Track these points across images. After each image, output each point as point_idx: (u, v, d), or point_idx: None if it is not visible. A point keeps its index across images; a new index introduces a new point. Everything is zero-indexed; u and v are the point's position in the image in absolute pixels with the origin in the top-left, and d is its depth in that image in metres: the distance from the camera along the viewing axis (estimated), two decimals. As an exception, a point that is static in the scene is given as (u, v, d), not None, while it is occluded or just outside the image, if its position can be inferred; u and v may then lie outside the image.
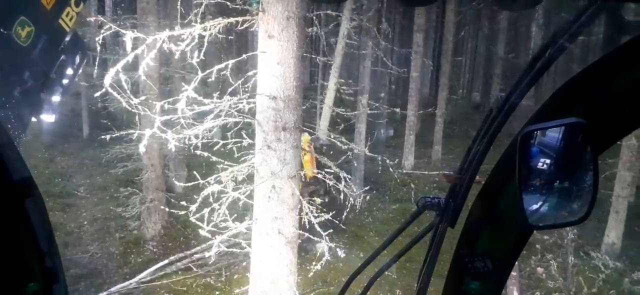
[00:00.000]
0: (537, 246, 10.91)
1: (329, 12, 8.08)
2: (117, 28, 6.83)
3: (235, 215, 7.62)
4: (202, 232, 7.40)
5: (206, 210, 7.28)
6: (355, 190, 8.17)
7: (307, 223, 7.01)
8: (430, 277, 1.43)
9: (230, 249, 8.24)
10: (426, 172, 16.56)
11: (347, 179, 7.88)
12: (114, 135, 11.23)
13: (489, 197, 1.27)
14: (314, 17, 8.08)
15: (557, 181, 1.08)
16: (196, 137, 7.37)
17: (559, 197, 1.07)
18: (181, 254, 10.51)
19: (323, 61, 11.18)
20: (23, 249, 1.05)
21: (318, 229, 6.87)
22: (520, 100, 1.19)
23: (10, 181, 0.99)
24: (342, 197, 7.85)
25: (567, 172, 1.07)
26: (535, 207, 1.07)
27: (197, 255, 10.35)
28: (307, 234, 7.20)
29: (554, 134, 1.05)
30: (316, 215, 7.09)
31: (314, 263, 7.18)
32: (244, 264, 10.03)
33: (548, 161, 1.06)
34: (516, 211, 1.07)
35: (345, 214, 8.36)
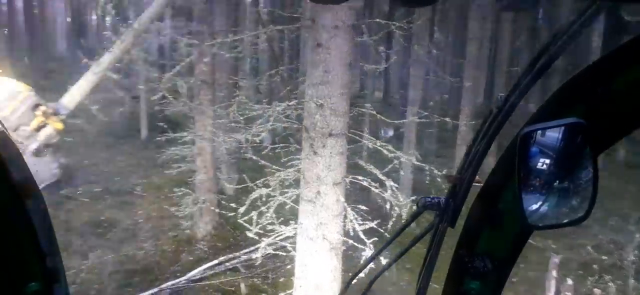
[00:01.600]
0: (595, 266, 10.37)
1: (378, 20, 8.05)
2: (176, 35, 7.11)
3: (282, 218, 7.71)
4: (249, 234, 7.53)
5: (254, 213, 7.41)
6: (401, 199, 8.08)
7: (351, 230, 7.02)
8: (430, 277, 1.42)
9: (277, 252, 8.34)
10: (477, 184, 15.97)
11: (394, 188, 7.80)
12: (169, 137, 11.66)
13: (488, 197, 1.27)
14: (364, 26, 8.08)
15: (557, 181, 1.07)
16: (246, 141, 7.53)
17: (558, 197, 1.07)
18: (230, 255, 10.74)
19: (372, 69, 11.18)
20: (23, 249, 1.04)
21: (362, 236, 6.86)
22: (520, 101, 1.18)
23: (11, 181, 0.99)
24: (388, 206, 7.79)
25: (566, 172, 1.06)
26: (534, 207, 1.06)
27: (245, 257, 10.55)
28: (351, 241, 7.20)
29: (553, 134, 1.04)
30: (361, 222, 7.09)
31: (356, 270, 7.14)
32: (289, 267, 10.12)
33: (548, 161, 1.05)
34: (516, 211, 1.07)
35: (391, 222, 8.29)
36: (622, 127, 1.09)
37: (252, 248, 9.87)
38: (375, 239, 6.88)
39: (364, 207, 8.46)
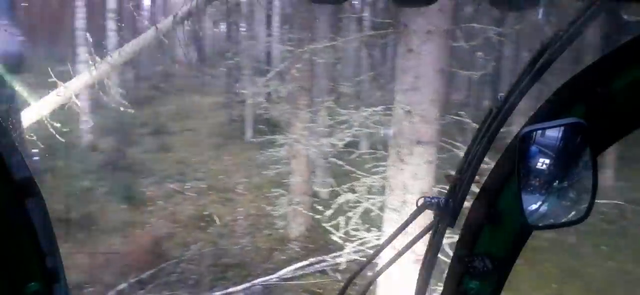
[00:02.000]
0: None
1: (475, 24, 7.72)
2: (276, 42, 7.38)
3: (368, 225, 7.68)
4: (334, 238, 7.58)
5: (341, 218, 7.45)
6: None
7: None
8: (430, 277, 1.44)
9: (363, 258, 8.32)
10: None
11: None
12: (268, 140, 12.10)
13: (488, 197, 1.27)
14: (459, 30, 7.80)
15: (557, 181, 1.07)
16: (332, 146, 7.61)
17: (558, 197, 1.07)
18: (320, 257, 10.87)
19: (467, 74, 10.75)
20: (23, 249, 1.05)
21: (448, 250, 6.62)
22: (519, 101, 1.19)
23: (11, 181, 0.99)
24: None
25: (566, 172, 1.07)
26: (534, 207, 1.07)
27: (334, 260, 10.62)
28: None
29: (553, 134, 1.04)
30: (448, 235, 6.85)
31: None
32: (372, 275, 9.99)
33: (547, 161, 1.05)
34: (515, 211, 1.08)
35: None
36: (622, 127, 1.09)
37: (339, 252, 9.94)
38: (462, 253, 6.58)
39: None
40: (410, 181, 6.48)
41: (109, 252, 10.68)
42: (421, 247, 1.55)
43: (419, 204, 1.45)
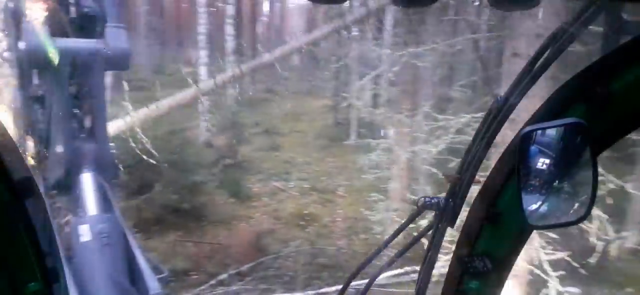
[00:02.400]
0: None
1: (592, 27, 7.01)
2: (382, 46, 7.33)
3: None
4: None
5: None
6: (610, 233, 6.92)
7: (536, 258, 6.33)
8: (430, 277, 1.44)
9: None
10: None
11: (603, 219, 6.77)
12: (369, 143, 12.03)
13: (488, 196, 1.27)
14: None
15: (557, 181, 1.07)
16: (428, 152, 7.40)
17: (558, 197, 1.07)
18: (416, 266, 10.57)
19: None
20: (23, 249, 1.04)
21: (548, 267, 6.13)
22: (519, 101, 1.19)
23: (11, 181, 0.98)
24: (592, 238, 6.77)
25: (566, 172, 1.06)
26: (534, 206, 1.06)
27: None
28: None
29: (553, 134, 1.05)
30: (549, 251, 6.34)
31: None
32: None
33: (548, 161, 1.05)
34: (515, 211, 1.08)
35: (592, 258, 7.14)
36: (622, 127, 1.09)
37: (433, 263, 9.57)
38: (562, 272, 6.05)
39: (554, 236, 7.54)
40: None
41: (214, 243, 11.33)
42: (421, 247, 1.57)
43: (419, 204, 1.46)
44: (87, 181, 2.23)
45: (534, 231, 1.35)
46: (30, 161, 2.50)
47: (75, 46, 2.16)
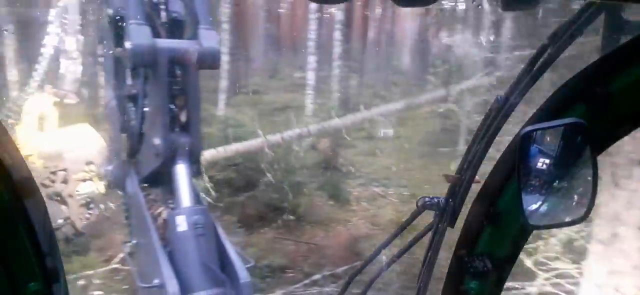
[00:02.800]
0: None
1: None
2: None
3: (570, 256, 6.79)
4: (529, 265, 6.93)
5: (540, 244, 6.76)
6: None
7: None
8: (430, 277, 1.44)
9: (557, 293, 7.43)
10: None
11: None
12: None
13: (488, 196, 1.27)
14: None
15: (557, 181, 1.07)
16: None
17: (558, 197, 1.07)
18: (510, 283, 9.87)
19: None
20: (23, 249, 1.04)
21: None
22: (519, 101, 1.19)
23: (11, 181, 0.99)
24: None
25: (566, 172, 1.07)
26: (534, 206, 1.07)
27: (524, 289, 9.53)
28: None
29: (553, 134, 1.05)
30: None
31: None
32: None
33: (548, 161, 1.05)
34: (516, 211, 1.08)
35: None
36: (622, 127, 1.09)
37: (530, 281, 8.88)
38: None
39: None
40: (623, 210, 5.44)
41: (311, 243, 11.47)
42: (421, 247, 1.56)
43: (419, 204, 1.47)
44: (181, 173, 2.33)
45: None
46: (124, 156, 2.67)
47: (173, 46, 2.31)
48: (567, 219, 1.07)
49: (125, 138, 2.75)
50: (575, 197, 1.05)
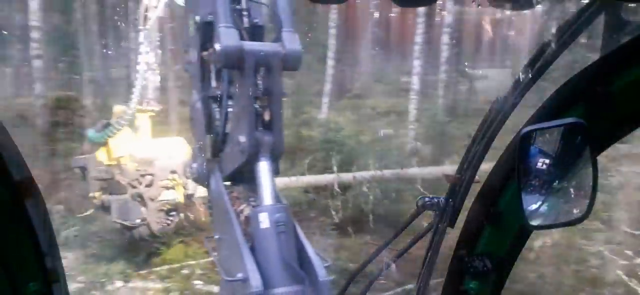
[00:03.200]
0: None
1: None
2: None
3: None
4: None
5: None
6: None
7: None
8: (430, 277, 1.44)
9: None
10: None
11: None
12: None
13: (488, 196, 1.27)
14: None
15: (557, 181, 1.07)
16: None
17: (558, 197, 1.06)
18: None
19: None
20: (23, 249, 1.05)
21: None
22: (519, 101, 1.19)
23: (11, 181, 0.99)
24: None
25: (566, 172, 1.06)
26: (534, 206, 1.06)
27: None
28: None
29: (553, 134, 1.05)
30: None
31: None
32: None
33: (547, 161, 1.05)
34: (515, 211, 1.08)
35: None
36: (622, 127, 1.09)
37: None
38: None
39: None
40: None
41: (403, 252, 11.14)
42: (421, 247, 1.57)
43: (419, 204, 1.46)
44: (263, 171, 2.40)
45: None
46: (208, 155, 2.81)
47: (258, 48, 2.39)
48: (567, 219, 1.05)
49: (209, 138, 2.88)
50: (575, 196, 1.04)
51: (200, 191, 8.03)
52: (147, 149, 8.72)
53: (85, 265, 8.99)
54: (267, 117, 2.45)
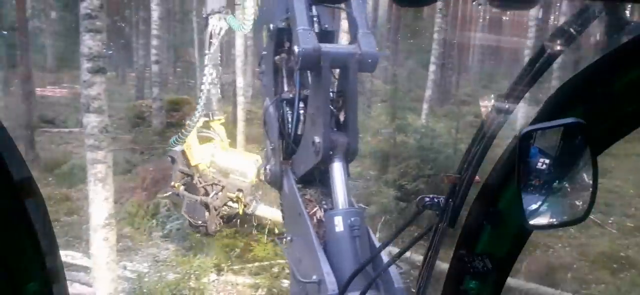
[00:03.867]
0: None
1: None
2: None
3: None
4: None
5: None
6: None
7: None
8: (430, 277, 1.45)
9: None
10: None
11: None
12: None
13: (488, 197, 1.27)
14: None
15: (557, 181, 1.07)
16: None
17: (558, 197, 1.07)
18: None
19: None
20: (23, 249, 1.04)
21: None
22: (519, 101, 1.19)
23: (11, 181, 0.98)
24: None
25: (566, 172, 1.06)
26: (534, 207, 1.06)
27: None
28: None
29: (553, 134, 1.05)
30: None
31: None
32: None
33: (547, 161, 1.05)
34: (515, 211, 1.08)
35: None
36: (622, 127, 1.10)
37: None
38: None
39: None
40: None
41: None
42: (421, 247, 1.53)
43: (419, 204, 1.48)
44: (337, 172, 2.41)
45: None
46: (281, 157, 2.84)
47: (335, 50, 2.42)
48: (567, 219, 1.07)
49: (282, 140, 2.87)
50: (575, 196, 1.05)
51: (259, 210, 9.22)
52: (226, 159, 9.72)
53: (184, 257, 9.62)
54: (342, 118, 2.52)
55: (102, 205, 6.75)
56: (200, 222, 9.27)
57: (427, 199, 1.46)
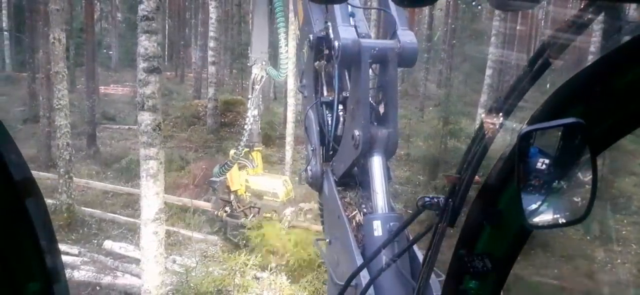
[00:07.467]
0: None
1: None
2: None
3: None
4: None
5: None
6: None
7: None
8: (430, 277, 1.45)
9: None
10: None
11: None
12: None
13: (488, 196, 1.27)
14: None
15: (556, 181, 1.07)
16: None
17: (557, 197, 1.06)
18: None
19: None
20: (23, 249, 1.03)
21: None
22: (518, 101, 1.19)
23: (11, 181, 0.97)
24: None
25: (566, 172, 1.06)
26: (534, 206, 1.06)
27: None
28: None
29: (553, 134, 1.05)
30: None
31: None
32: None
33: (547, 161, 1.05)
34: (515, 211, 1.08)
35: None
36: (622, 127, 1.09)
37: None
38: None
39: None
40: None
41: (554, 280, 10.03)
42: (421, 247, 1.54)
43: (419, 204, 1.48)
44: (377, 167, 2.41)
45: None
46: (321, 159, 2.87)
47: (375, 44, 2.44)
48: (567, 219, 1.06)
49: (322, 143, 2.87)
50: (575, 196, 1.05)
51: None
52: (259, 183, 11.29)
53: (230, 254, 10.07)
54: (381, 111, 2.54)
55: (153, 200, 6.89)
56: (234, 232, 10.82)
57: (427, 199, 1.47)
